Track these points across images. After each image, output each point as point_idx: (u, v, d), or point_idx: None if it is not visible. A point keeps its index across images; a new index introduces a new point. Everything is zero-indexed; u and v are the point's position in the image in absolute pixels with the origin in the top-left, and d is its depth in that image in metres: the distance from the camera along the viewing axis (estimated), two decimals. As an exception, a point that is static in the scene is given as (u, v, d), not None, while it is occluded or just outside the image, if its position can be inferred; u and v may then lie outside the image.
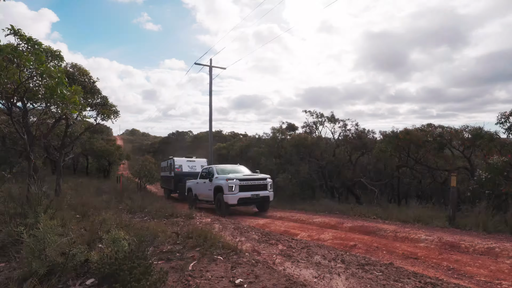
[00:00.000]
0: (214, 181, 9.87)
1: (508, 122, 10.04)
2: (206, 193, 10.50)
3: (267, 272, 2.71)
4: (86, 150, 23.98)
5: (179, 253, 3.13)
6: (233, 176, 9.51)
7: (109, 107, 13.29)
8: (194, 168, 15.92)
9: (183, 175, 15.08)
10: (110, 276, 1.98)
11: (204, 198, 10.95)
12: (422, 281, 2.65)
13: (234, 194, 9.10)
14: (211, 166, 11.06)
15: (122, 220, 4.55)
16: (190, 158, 16.73)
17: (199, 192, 11.21)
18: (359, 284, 2.51)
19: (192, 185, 12.13)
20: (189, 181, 12.66)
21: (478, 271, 3.64)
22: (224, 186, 9.16)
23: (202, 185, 10.95)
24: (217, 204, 9.62)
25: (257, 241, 4.14)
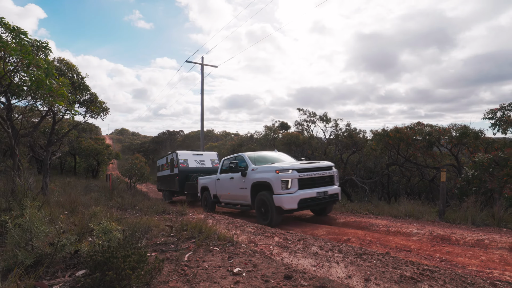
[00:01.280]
0: (251, 175, 6.81)
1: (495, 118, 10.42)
2: (236, 193, 7.47)
3: (265, 262, 2.65)
4: (74, 149, 23.48)
5: (174, 244, 3.04)
6: (285, 165, 6.22)
7: (99, 104, 13.01)
8: (203, 163, 13.45)
9: (191, 171, 12.71)
10: (103, 264, 1.88)
11: (232, 200, 7.91)
12: (420, 268, 2.64)
13: (292, 193, 5.86)
14: (241, 154, 7.75)
15: (113, 215, 4.41)
16: (197, 151, 14.16)
17: (222, 192, 8.27)
18: (359, 271, 2.48)
19: (208, 183, 9.25)
20: (203, 178, 9.97)
21: (469, 261, 3.71)
22: (274, 181, 5.98)
23: (227, 183, 7.93)
24: (258, 210, 6.52)
25: (253, 233, 4.07)
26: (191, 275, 2.24)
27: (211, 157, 14.04)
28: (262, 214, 6.40)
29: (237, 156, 8.00)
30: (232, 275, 2.30)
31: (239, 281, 2.18)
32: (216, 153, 14.78)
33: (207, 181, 9.46)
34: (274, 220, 6.06)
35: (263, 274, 2.32)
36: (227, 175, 7.96)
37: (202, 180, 10.02)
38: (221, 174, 8.43)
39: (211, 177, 9.20)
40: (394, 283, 2.24)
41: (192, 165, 13.15)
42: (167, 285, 2.08)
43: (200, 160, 13.58)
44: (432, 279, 2.38)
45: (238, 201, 7.64)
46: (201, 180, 10.06)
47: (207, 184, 9.31)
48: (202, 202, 9.89)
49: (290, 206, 5.85)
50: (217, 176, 8.65)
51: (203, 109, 18.76)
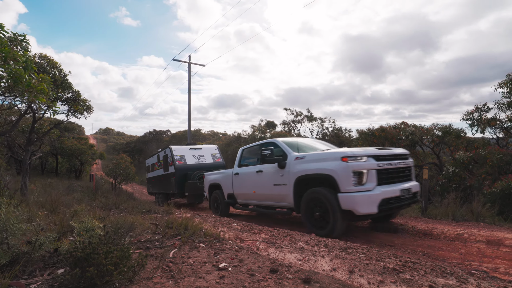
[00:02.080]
0: (295, 166, 4.95)
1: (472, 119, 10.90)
2: (267, 191, 5.66)
3: (252, 257, 2.65)
4: (55, 149, 22.75)
5: (159, 242, 2.99)
6: (355, 150, 4.39)
7: (82, 102, 12.66)
8: (203, 159, 11.74)
9: (190, 169, 11.04)
10: (83, 260, 1.83)
11: (258, 201, 6.14)
12: (403, 260, 2.71)
13: (369, 190, 4.10)
14: (273, 140, 5.85)
15: (96, 214, 4.30)
16: (194, 145, 12.28)
17: (243, 190, 6.54)
18: (343, 264, 2.51)
19: (221, 179, 7.53)
20: (213, 174, 8.20)
21: (450, 255, 3.85)
22: (340, 173, 4.17)
23: (251, 178, 6.16)
24: (308, 214, 4.66)
25: (240, 230, 4.06)
26: (175, 271, 2.21)
27: (211, 151, 12.22)
28: (316, 220, 4.54)
29: (267, 143, 5.97)
30: (218, 270, 2.29)
31: (224, 275, 2.16)
32: (217, 146, 12.91)
33: (218, 178, 7.71)
34: (338, 228, 4.22)
35: (249, 269, 2.32)
36: (251, 168, 6.20)
37: (211, 176, 8.22)
38: (241, 168, 6.68)
39: (225, 172, 7.46)
40: (378, 274, 2.29)
41: (191, 162, 11.35)
42: (151, 281, 2.04)
43: (199, 155, 11.76)
44: (414, 270, 2.45)
45: (270, 202, 5.78)
46: (210, 177, 8.25)
47: (219, 181, 7.60)
48: (211, 204, 8.11)
49: (368, 209, 3.99)
50: (234, 170, 6.95)
51: (190, 108, 18.58)
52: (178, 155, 11.38)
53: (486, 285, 2.22)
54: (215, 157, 12.06)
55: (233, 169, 7.07)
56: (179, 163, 11.15)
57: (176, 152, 11.41)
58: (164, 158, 12.31)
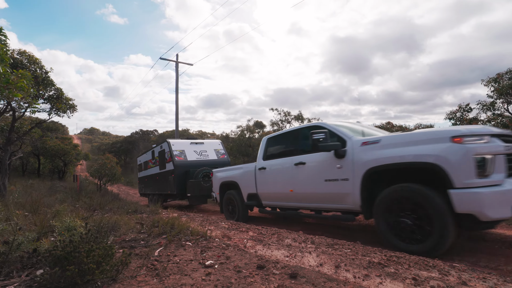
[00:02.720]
0: (364, 155, 3.72)
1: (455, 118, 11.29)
2: (320, 190, 4.32)
3: (238, 254, 2.63)
4: (37, 149, 22.03)
5: (144, 241, 2.93)
6: (463, 129, 3.10)
7: (65, 100, 12.32)
8: (205, 155, 10.44)
9: (191, 166, 9.72)
10: (63, 259, 1.77)
11: (297, 202, 4.91)
12: (387, 255, 2.75)
13: (499, 185, 2.91)
14: (320, 123, 4.66)
15: (79, 214, 4.18)
16: (195, 140, 10.85)
17: (274, 188, 5.28)
18: (330, 260, 2.53)
19: (238, 176, 6.27)
20: (225, 170, 6.93)
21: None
22: (454, 160, 2.93)
23: (287, 173, 4.92)
24: (389, 220, 3.41)
25: (227, 229, 4.04)
26: (160, 269, 2.17)
27: (214, 146, 10.97)
28: (405, 230, 3.27)
29: (313, 127, 4.62)
30: (204, 268, 2.26)
31: (211, 272, 2.14)
32: (220, 141, 11.57)
33: (235, 175, 6.38)
34: (447, 241, 3.05)
35: (236, 266, 2.30)
36: (285, 160, 4.97)
37: (223, 173, 6.92)
38: (269, 161, 5.44)
39: (244, 168, 6.17)
40: (363, 268, 2.32)
41: (192, 158, 10.03)
42: (135, 279, 1.99)
43: (201, 151, 10.45)
44: (398, 264, 2.49)
45: (316, 204, 4.52)
46: (221, 174, 6.95)
47: (236, 179, 6.29)
48: (223, 207, 6.76)
49: (500, 212, 2.86)
50: (257, 165, 5.68)
51: (177, 108, 18.36)
52: (178, 150, 9.99)
53: (466, 276, 2.29)
54: (219, 153, 10.84)
55: (256, 163, 5.77)
56: (179, 159, 9.74)
57: (175, 147, 10.02)
58: (161, 154, 10.97)
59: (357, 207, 3.88)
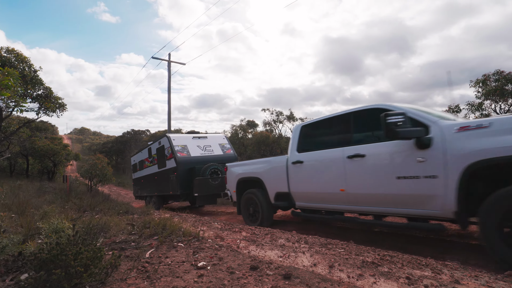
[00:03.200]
0: (461, 143, 2.84)
1: None
2: (389, 190, 3.44)
3: (232, 255, 2.59)
4: (26, 150, 21.53)
5: (135, 242, 2.86)
6: None
7: (54, 99, 12.07)
8: (210, 150, 9.50)
9: (196, 162, 8.75)
10: (49, 262, 1.70)
11: (358, 205, 3.92)
12: (381, 254, 2.76)
13: None
14: (383, 104, 3.61)
15: (68, 215, 4.08)
16: (197, 134, 9.95)
17: (320, 187, 4.36)
18: (323, 259, 2.52)
19: (264, 172, 5.32)
20: (246, 164, 5.91)
21: (424, 249, 3.96)
22: None
23: (342, 168, 3.96)
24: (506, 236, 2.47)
25: (220, 229, 3.99)
26: (151, 271, 2.12)
27: (219, 141, 10.04)
28: None
29: (376, 109, 3.67)
30: (197, 269, 2.22)
31: (203, 274, 2.10)
32: (224, 135, 10.68)
33: (258, 170, 5.41)
34: None
35: (229, 267, 2.27)
36: (333, 153, 4.07)
37: (241, 168, 5.92)
38: (307, 154, 4.52)
39: (272, 161, 5.23)
40: (357, 268, 2.31)
41: (196, 153, 9.08)
42: (125, 282, 1.94)
43: (205, 146, 9.52)
44: (391, 263, 2.49)
45: (380, 208, 3.64)
46: (239, 169, 5.94)
47: (259, 175, 5.32)
48: (241, 208, 5.75)
49: None
50: (290, 158, 4.78)
51: (170, 107, 18.20)
52: (179, 145, 9.00)
53: (458, 274, 2.30)
54: (224, 148, 9.94)
55: (288, 155, 4.85)
56: (182, 156, 8.78)
57: (176, 142, 9.03)
58: (159, 151, 10.00)
59: (447, 214, 3.00)
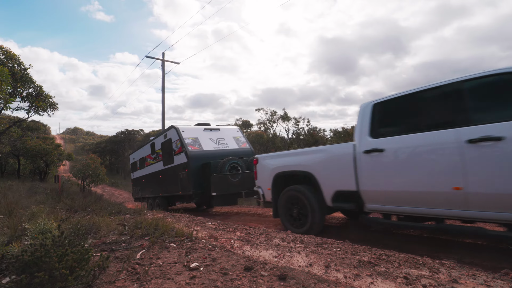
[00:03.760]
0: None
1: None
2: None
3: (225, 255, 2.52)
4: (17, 150, 21.14)
5: (126, 243, 2.78)
6: None
7: (45, 98, 11.85)
8: (224, 144, 8.43)
9: (210, 157, 7.65)
10: (32, 264, 1.61)
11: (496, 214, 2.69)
12: (377, 253, 2.71)
13: None
14: None
15: (58, 216, 3.96)
16: (209, 126, 8.74)
17: (420, 185, 3.17)
18: (319, 259, 2.46)
19: (317, 164, 4.18)
20: (288, 155, 4.78)
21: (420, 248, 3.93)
22: None
23: (460, 157, 2.84)
24: None
25: (214, 229, 3.92)
26: (141, 273, 2.04)
27: (232, 134, 8.98)
28: None
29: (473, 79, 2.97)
30: (189, 270, 2.14)
31: (195, 275, 2.03)
32: (238, 127, 9.54)
33: (308, 161, 4.24)
34: None
35: (222, 268, 2.20)
36: (439, 135, 3.08)
37: (278, 160, 4.77)
38: (389, 139, 3.49)
39: (328, 150, 4.06)
40: (353, 268, 2.26)
41: (208, 147, 8.00)
42: (114, 284, 1.86)
43: (218, 139, 8.43)
44: (388, 262, 2.45)
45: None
46: (275, 161, 4.81)
47: (311, 168, 4.18)
48: (280, 211, 4.62)
49: None
50: (361, 145, 3.69)
51: (164, 107, 18.02)
52: (190, 138, 7.88)
53: (456, 273, 2.26)
54: (239, 142, 8.89)
55: (356, 142, 3.73)
56: (194, 149, 7.65)
57: (186, 134, 7.89)
58: (165, 146, 8.84)
59: None
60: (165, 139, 8.88)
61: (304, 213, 4.26)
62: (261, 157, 5.23)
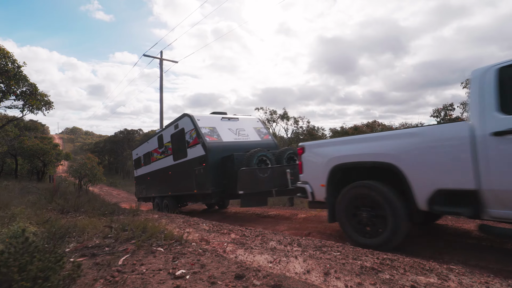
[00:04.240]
0: None
1: (440, 116, 11.59)
2: None
3: (216, 261, 2.33)
4: (14, 150, 20.95)
5: (109, 247, 2.58)
6: None
7: (39, 97, 11.65)
8: (244, 135, 7.45)
9: (229, 150, 6.65)
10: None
11: None
12: (380, 257, 2.52)
13: None
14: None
15: (43, 217, 3.77)
16: (226, 115, 7.84)
17: None
18: (318, 265, 2.27)
19: (400, 152, 3.11)
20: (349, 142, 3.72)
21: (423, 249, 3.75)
22: None
23: None
24: None
25: (207, 231, 3.72)
26: (120, 282, 1.84)
27: (253, 124, 7.98)
28: None
29: None
30: (173, 279, 1.94)
31: (180, 285, 1.83)
32: (258, 118, 8.53)
33: (388, 149, 3.25)
34: None
35: (211, 275, 2.00)
36: None
37: (338, 148, 3.76)
38: None
39: (423, 134, 3.05)
40: (355, 275, 2.06)
41: (228, 138, 7.01)
42: (86, 296, 1.66)
43: (238, 129, 7.48)
44: (393, 268, 2.25)
45: None
46: (333, 149, 3.80)
47: (393, 159, 3.20)
48: (339, 211, 3.67)
49: None
50: (484, 125, 2.65)
51: (162, 106, 17.81)
52: (207, 127, 6.88)
53: (467, 281, 2.07)
54: (261, 133, 7.91)
55: (477, 121, 2.74)
56: (212, 140, 6.62)
57: (202, 123, 6.87)
58: (176, 138, 7.81)
59: None
60: (176, 130, 7.81)
61: (380, 219, 3.26)
62: (310, 144, 4.18)
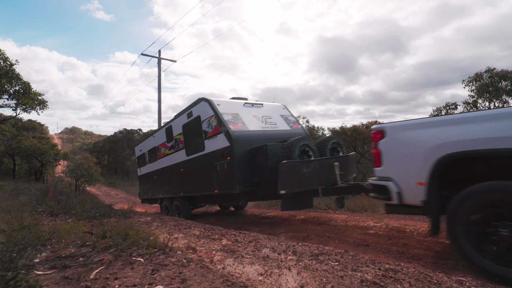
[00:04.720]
0: None
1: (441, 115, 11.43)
2: None
3: (200, 274, 2.10)
4: (11, 149, 20.76)
5: (84, 257, 2.35)
6: None
7: (33, 96, 11.45)
8: (272, 123, 6.36)
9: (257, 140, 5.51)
10: None
11: None
12: (382, 268, 2.29)
13: None
14: None
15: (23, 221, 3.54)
16: (249, 101, 6.64)
17: None
18: (313, 279, 2.04)
19: None
20: (456, 121, 2.49)
21: (425, 253, 3.58)
22: None
23: None
24: None
25: (197, 237, 3.49)
26: (85, 302, 1.61)
27: (279, 111, 6.90)
28: None
29: None
30: (148, 297, 1.72)
31: (153, 305, 1.60)
32: (284, 105, 7.36)
33: None
34: None
35: (191, 292, 1.77)
36: None
37: (459, 129, 2.43)
38: None
39: None
40: (354, 292, 1.83)
41: (255, 127, 5.86)
42: (42, 321, 1.43)
43: (265, 117, 6.34)
44: (397, 281, 2.02)
45: None
46: (452, 131, 2.47)
47: None
48: (449, 223, 2.53)
49: None
50: None
51: (160, 105, 17.60)
52: (229, 113, 5.74)
53: (480, 297, 1.84)
54: (289, 122, 6.80)
55: None
56: (237, 129, 5.48)
57: (222, 109, 5.74)
58: (189, 128, 6.63)
59: None
60: (189, 119, 6.51)
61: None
62: (395, 126, 3.00)
